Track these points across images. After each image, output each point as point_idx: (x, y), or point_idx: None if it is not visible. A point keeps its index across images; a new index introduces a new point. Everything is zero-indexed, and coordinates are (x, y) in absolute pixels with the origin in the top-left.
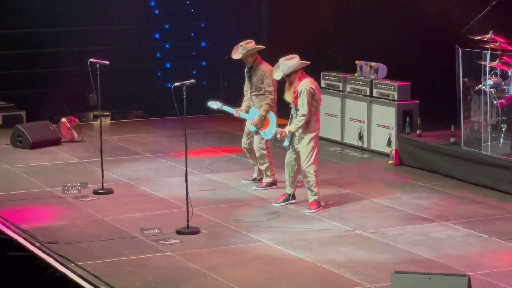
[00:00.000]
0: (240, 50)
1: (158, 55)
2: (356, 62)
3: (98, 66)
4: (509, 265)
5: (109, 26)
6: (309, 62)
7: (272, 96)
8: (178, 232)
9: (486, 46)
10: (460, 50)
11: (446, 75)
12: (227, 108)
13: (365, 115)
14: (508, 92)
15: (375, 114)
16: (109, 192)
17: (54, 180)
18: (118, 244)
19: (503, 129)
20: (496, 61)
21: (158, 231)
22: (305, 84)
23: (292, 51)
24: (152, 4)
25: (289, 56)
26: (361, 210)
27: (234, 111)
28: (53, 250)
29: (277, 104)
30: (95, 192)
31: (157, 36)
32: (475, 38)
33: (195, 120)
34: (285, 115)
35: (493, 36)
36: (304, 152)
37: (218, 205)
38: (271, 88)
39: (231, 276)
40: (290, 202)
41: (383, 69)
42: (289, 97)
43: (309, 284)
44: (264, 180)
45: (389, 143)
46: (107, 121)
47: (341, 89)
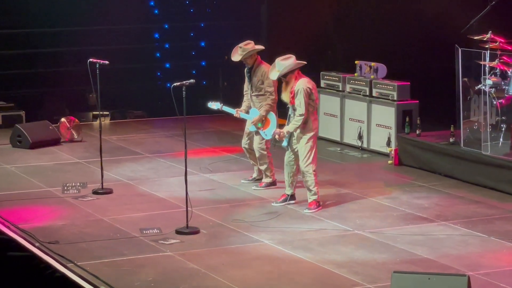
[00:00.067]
0: (240, 52)
1: (158, 55)
2: (356, 62)
3: (97, 66)
4: (509, 265)
5: (109, 26)
6: (305, 62)
7: (273, 97)
8: (178, 232)
9: (486, 46)
10: (460, 50)
11: (445, 75)
12: (227, 108)
13: (364, 115)
14: (508, 92)
15: (375, 114)
16: (109, 192)
17: (53, 180)
18: (117, 244)
19: (503, 129)
20: (496, 61)
21: (158, 231)
22: (301, 84)
23: (292, 51)
24: (152, 4)
25: (285, 56)
26: (360, 210)
27: (234, 112)
28: (53, 250)
29: (277, 104)
30: (95, 192)
31: (157, 36)
32: (475, 38)
33: (194, 120)
34: (284, 115)
35: (492, 36)
36: (302, 152)
37: (217, 205)
38: (271, 89)
39: (230, 276)
40: (289, 202)
41: (382, 69)
42: (286, 97)
43: (308, 284)
44: (263, 180)
45: (388, 143)
46: (106, 121)
47: (340, 89)
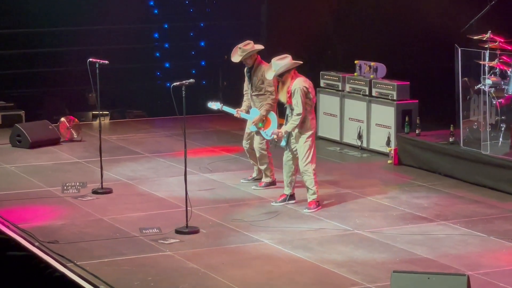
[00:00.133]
0: (239, 53)
1: (158, 54)
2: (355, 61)
3: (97, 66)
4: (508, 265)
5: (109, 26)
6: (301, 62)
7: (273, 96)
8: (177, 231)
9: (485, 46)
10: (460, 50)
11: (445, 74)
12: (227, 108)
13: (364, 114)
14: (507, 92)
15: (374, 113)
16: (108, 191)
17: (53, 179)
18: (117, 244)
19: (502, 129)
20: (495, 60)
21: (157, 230)
22: (298, 83)
23: (292, 50)
24: (152, 3)
25: (281, 56)
26: (360, 210)
27: (235, 112)
28: (53, 249)
29: (277, 104)
30: (94, 192)
31: (156, 35)
32: (474, 38)
33: (194, 120)
34: (285, 115)
35: (492, 36)
36: (301, 151)
37: (217, 204)
38: (272, 88)
39: (230, 275)
40: (289, 202)
41: (382, 68)
42: (283, 97)
43: (308, 284)
44: (263, 180)
45: (388, 143)
46: (106, 120)
47: (340, 88)
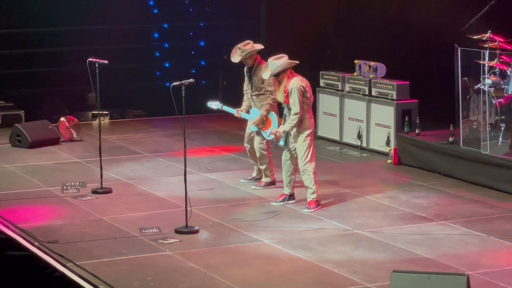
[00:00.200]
0: (239, 53)
1: (157, 54)
2: (355, 61)
3: (97, 66)
4: (508, 264)
5: (108, 26)
6: (298, 62)
7: (273, 96)
8: (177, 231)
9: (485, 45)
10: (459, 50)
11: (445, 74)
12: (227, 108)
13: (364, 114)
14: (507, 91)
15: (374, 113)
16: (108, 191)
17: (53, 179)
18: (117, 244)
19: (502, 128)
20: (495, 60)
21: (157, 230)
22: (295, 83)
23: (292, 50)
24: (151, 3)
25: (278, 56)
26: (359, 209)
27: (235, 112)
28: (52, 249)
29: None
30: (94, 192)
31: (156, 35)
32: (474, 38)
33: (194, 120)
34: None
35: (492, 35)
36: (300, 151)
37: (217, 204)
38: (272, 88)
39: (230, 275)
40: (288, 202)
41: (382, 68)
42: (280, 96)
43: (308, 283)
44: (263, 179)
45: (388, 142)
46: (106, 120)
47: (340, 88)
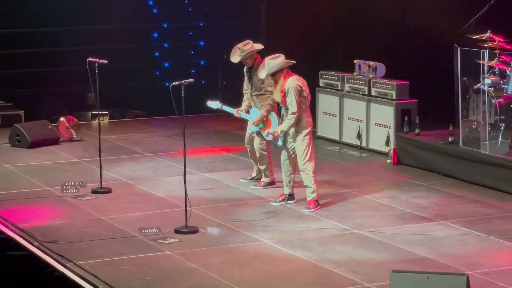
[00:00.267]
0: (239, 53)
1: (157, 54)
2: (355, 61)
3: (96, 65)
4: (508, 264)
5: (108, 26)
6: (294, 61)
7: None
8: (177, 231)
9: (485, 45)
10: (459, 49)
11: (444, 74)
12: (227, 108)
13: (363, 114)
14: (507, 91)
15: (374, 113)
16: (108, 191)
17: (52, 179)
18: (116, 244)
19: (502, 128)
20: (495, 60)
21: (157, 230)
22: (291, 82)
23: (291, 50)
24: (151, 3)
25: (274, 55)
26: (359, 209)
27: (235, 111)
28: (52, 249)
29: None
30: (94, 192)
31: (156, 35)
32: (474, 37)
33: (193, 119)
34: None
35: (491, 35)
36: (299, 150)
37: (216, 204)
38: (272, 88)
39: (229, 275)
40: (288, 202)
41: (381, 68)
42: (277, 96)
43: (307, 283)
44: (262, 179)
45: (387, 142)
46: (105, 120)
47: (339, 88)
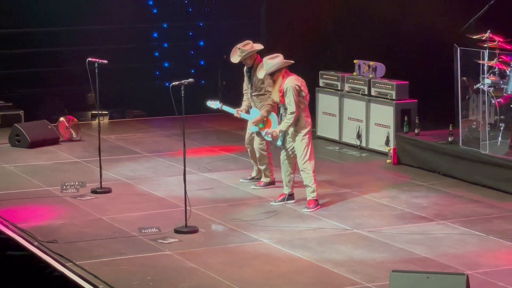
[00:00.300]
0: (238, 53)
1: (157, 54)
2: (355, 61)
3: (96, 65)
4: (507, 264)
5: (108, 26)
6: (293, 61)
7: None
8: (177, 231)
9: (484, 45)
10: (459, 49)
11: (444, 74)
12: (227, 108)
13: (363, 114)
14: (506, 91)
15: (373, 113)
16: (108, 191)
17: (52, 179)
18: (116, 243)
19: (501, 128)
20: (494, 60)
21: (157, 230)
22: (290, 82)
23: (291, 50)
24: (151, 3)
25: (272, 55)
26: (359, 209)
27: (235, 112)
28: (52, 249)
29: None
30: (94, 191)
31: (155, 35)
32: (473, 37)
33: (193, 119)
34: None
35: (491, 35)
36: (299, 149)
37: (216, 204)
38: (272, 88)
39: (229, 275)
40: (288, 202)
41: (381, 68)
42: (275, 96)
43: (307, 283)
44: (262, 179)
45: (387, 142)
46: (105, 120)
47: (339, 88)
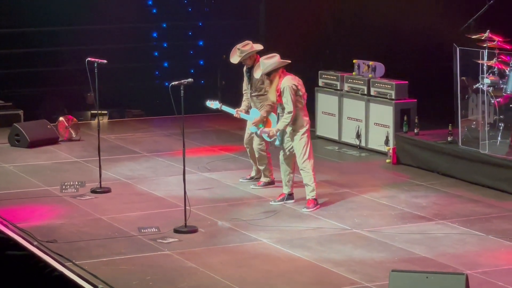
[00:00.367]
0: (238, 54)
1: (156, 54)
2: (354, 61)
3: (95, 65)
4: (507, 264)
5: (107, 25)
6: (290, 61)
7: None
8: (176, 231)
9: (484, 45)
10: (458, 49)
11: (443, 74)
12: (227, 108)
13: (362, 114)
14: (506, 91)
15: (373, 113)
16: (107, 191)
17: (52, 179)
18: (116, 243)
19: (501, 128)
20: (494, 59)
21: (156, 230)
22: (286, 82)
23: (291, 50)
24: (150, 3)
25: (269, 55)
26: (358, 209)
27: (234, 112)
28: (51, 249)
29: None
30: (93, 191)
31: (155, 35)
32: (473, 37)
33: (193, 119)
34: None
35: (490, 35)
36: (298, 149)
37: (216, 203)
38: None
39: (229, 274)
40: (287, 202)
41: (380, 68)
42: (272, 96)
43: (307, 283)
44: (262, 179)
45: (386, 142)
46: (104, 120)
47: (338, 88)
